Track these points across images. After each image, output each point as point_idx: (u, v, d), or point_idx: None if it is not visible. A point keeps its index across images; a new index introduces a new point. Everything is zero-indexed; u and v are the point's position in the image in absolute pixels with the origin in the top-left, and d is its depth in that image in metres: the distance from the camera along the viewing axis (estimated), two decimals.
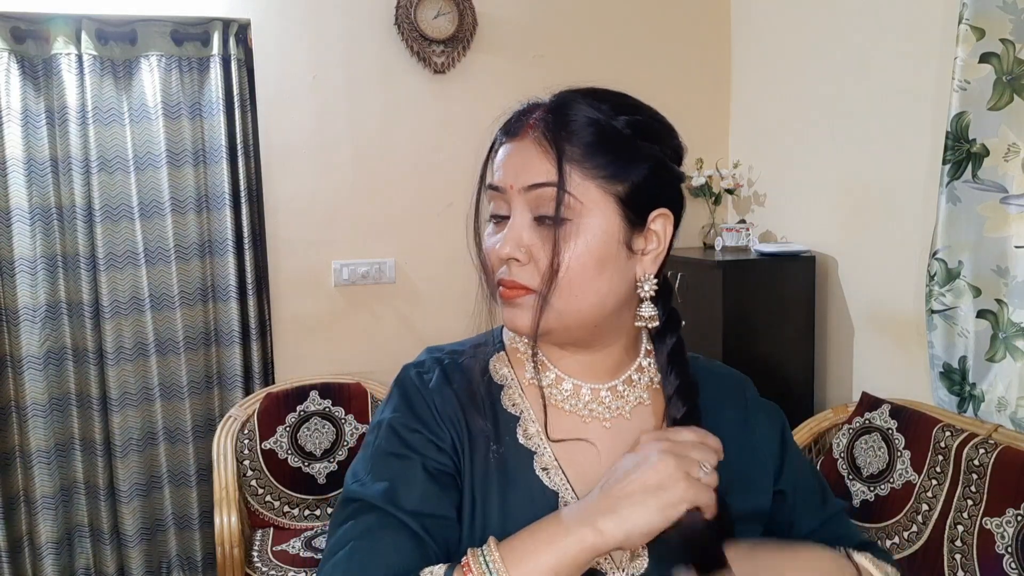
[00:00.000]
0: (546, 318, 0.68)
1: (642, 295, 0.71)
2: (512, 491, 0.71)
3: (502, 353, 0.78)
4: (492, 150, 0.73)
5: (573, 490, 0.71)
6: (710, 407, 0.75)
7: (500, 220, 0.71)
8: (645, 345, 0.78)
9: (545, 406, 0.73)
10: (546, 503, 0.70)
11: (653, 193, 0.70)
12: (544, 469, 0.72)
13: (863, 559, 0.74)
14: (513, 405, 0.75)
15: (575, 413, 0.74)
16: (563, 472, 0.72)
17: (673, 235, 0.72)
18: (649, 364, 0.78)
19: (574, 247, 0.66)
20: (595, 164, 0.67)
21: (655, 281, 0.71)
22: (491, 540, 0.64)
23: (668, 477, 0.62)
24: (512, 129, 0.71)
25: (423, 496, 0.68)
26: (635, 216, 0.69)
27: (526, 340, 0.76)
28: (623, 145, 0.68)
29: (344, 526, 0.67)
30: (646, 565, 0.69)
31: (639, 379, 0.76)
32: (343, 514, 0.69)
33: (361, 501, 0.68)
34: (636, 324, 0.73)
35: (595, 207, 0.67)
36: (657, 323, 0.72)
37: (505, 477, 0.71)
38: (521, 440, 0.73)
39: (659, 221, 0.71)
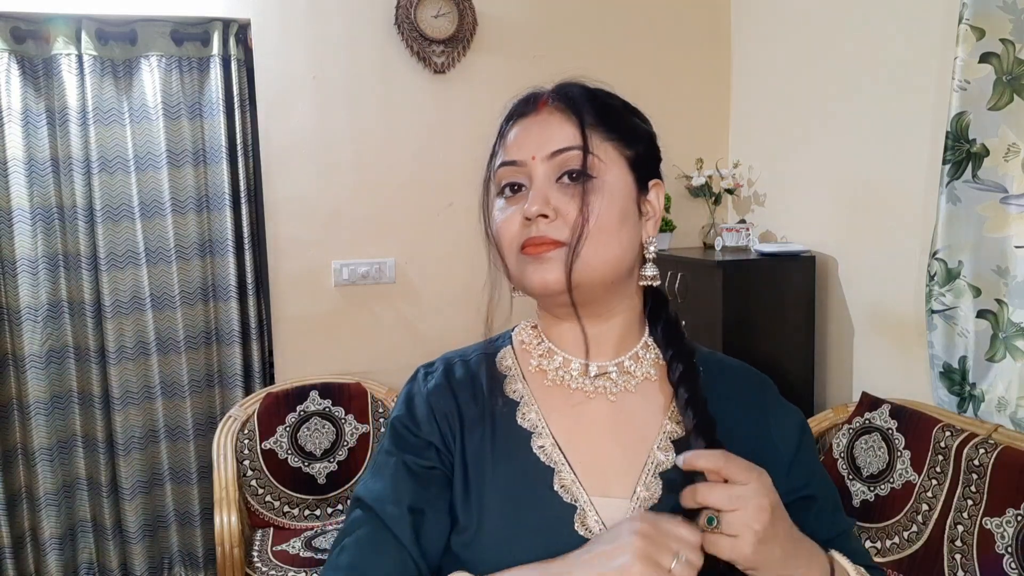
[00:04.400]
0: (576, 270, 0.70)
1: (647, 256, 0.77)
2: (507, 468, 0.72)
3: (509, 347, 0.82)
4: (501, 135, 0.77)
5: (570, 467, 0.72)
6: (725, 398, 0.76)
7: (513, 195, 0.74)
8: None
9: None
10: (540, 479, 0.71)
11: (651, 164, 0.77)
12: (541, 447, 0.73)
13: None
14: (514, 391, 0.77)
15: (580, 389, 0.76)
16: (560, 450, 0.73)
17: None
18: (655, 342, 0.81)
19: (600, 200, 0.71)
20: (608, 128, 0.74)
21: (655, 249, 0.77)
22: None
23: (631, 556, 0.60)
24: (525, 109, 0.76)
25: (412, 495, 0.72)
26: (640, 181, 0.75)
27: (538, 327, 0.81)
28: (626, 118, 0.76)
29: (350, 518, 0.74)
30: None
31: (645, 355, 0.79)
32: (350, 509, 0.75)
33: (361, 501, 0.73)
34: (640, 284, 0.78)
35: (614, 165, 0.73)
36: (659, 281, 0.77)
37: (502, 455, 0.73)
38: (520, 422, 0.75)
39: (654, 191, 0.77)
